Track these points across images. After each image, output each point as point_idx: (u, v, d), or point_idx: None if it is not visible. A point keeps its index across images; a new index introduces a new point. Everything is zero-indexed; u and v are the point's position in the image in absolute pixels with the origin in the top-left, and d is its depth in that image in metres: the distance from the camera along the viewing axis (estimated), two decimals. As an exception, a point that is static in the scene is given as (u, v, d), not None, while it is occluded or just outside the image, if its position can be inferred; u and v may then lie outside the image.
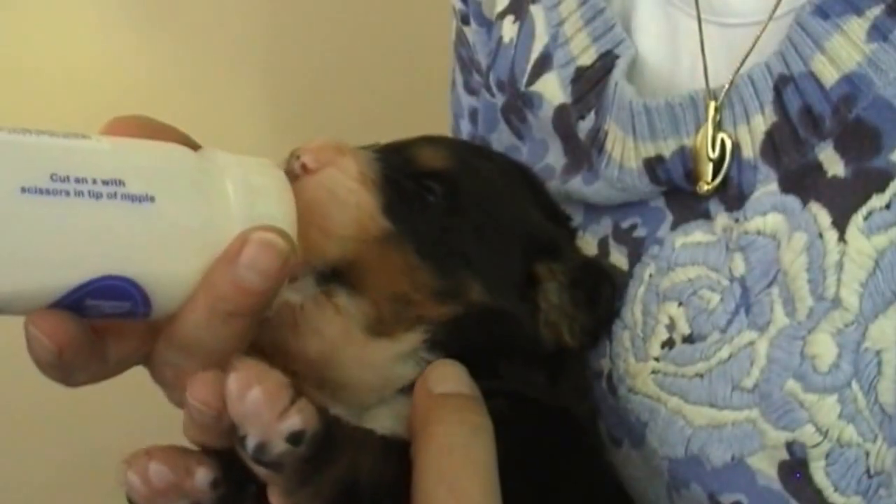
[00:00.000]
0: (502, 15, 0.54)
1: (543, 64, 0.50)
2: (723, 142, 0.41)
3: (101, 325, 0.33)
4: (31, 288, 0.30)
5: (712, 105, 0.41)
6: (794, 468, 0.37)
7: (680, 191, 0.44)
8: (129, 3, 1.01)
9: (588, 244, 0.48)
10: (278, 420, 0.30)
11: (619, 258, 0.46)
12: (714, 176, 0.41)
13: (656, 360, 0.43)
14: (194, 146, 0.36)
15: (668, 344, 0.43)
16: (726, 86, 0.41)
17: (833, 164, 0.38)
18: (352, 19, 1.07)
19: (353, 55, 1.06)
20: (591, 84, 0.47)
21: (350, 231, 0.39)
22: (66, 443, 1.00)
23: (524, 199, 0.46)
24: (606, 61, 0.47)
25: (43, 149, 0.31)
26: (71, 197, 0.30)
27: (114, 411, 0.93)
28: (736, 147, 0.41)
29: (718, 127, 0.41)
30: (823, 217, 0.38)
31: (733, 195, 0.42)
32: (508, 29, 0.53)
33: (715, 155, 0.41)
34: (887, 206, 0.36)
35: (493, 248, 0.42)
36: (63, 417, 0.96)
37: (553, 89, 0.49)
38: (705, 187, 0.42)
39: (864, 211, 0.37)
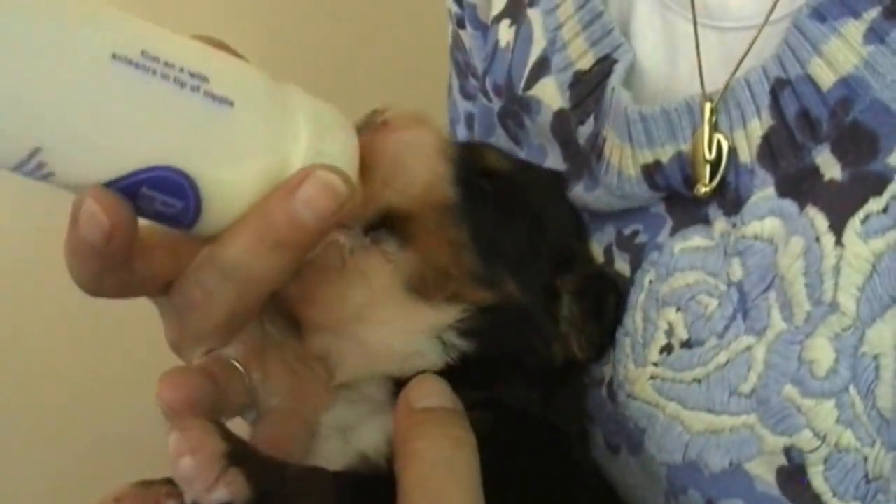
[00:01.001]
0: (498, 19, 0.54)
1: (541, 68, 0.50)
2: (719, 143, 0.41)
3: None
4: (98, 159, 0.30)
5: (708, 106, 0.41)
6: (793, 473, 0.37)
7: (680, 196, 0.44)
8: (124, 3, 1.01)
9: (594, 252, 0.48)
10: (207, 491, 0.30)
11: (622, 265, 0.46)
12: (711, 178, 0.41)
13: (655, 365, 0.43)
14: None
15: (667, 349, 0.42)
16: (722, 89, 0.41)
17: (830, 167, 0.38)
18: (350, 23, 1.07)
19: (351, 59, 1.06)
20: (589, 89, 0.47)
21: (416, 191, 0.40)
22: (66, 443, 1.00)
23: (562, 216, 0.48)
24: (604, 66, 0.46)
25: (139, 25, 0.31)
26: (157, 77, 0.30)
27: (113, 412, 0.93)
28: (733, 151, 0.41)
29: (715, 128, 0.41)
30: (820, 221, 0.38)
31: (731, 200, 0.41)
32: (505, 33, 0.53)
33: (711, 156, 0.41)
34: (884, 210, 0.36)
35: (531, 257, 0.43)
36: (62, 418, 0.96)
37: (551, 94, 0.49)
38: (703, 189, 0.42)
39: (861, 215, 0.36)
